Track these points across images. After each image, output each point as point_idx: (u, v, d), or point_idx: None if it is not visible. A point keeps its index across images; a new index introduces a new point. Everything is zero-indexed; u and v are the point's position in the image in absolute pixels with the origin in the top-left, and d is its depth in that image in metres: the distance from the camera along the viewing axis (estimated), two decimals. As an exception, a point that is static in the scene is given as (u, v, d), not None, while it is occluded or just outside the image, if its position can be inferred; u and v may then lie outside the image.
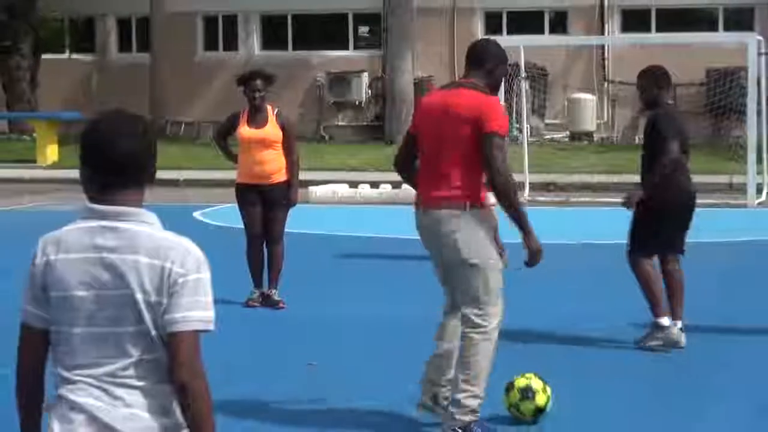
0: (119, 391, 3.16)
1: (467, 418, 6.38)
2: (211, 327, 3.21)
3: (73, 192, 21.40)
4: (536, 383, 6.78)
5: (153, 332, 3.18)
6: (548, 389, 6.80)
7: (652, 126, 8.71)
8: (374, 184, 19.93)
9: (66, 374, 3.21)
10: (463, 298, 6.46)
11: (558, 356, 8.43)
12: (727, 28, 27.58)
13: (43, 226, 16.75)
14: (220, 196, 17.73)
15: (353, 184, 20.09)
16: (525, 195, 18.95)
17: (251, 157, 10.16)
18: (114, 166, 3.21)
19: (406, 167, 6.80)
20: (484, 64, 6.62)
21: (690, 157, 8.89)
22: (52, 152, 25.69)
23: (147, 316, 3.17)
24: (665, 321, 8.62)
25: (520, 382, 6.80)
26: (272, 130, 10.13)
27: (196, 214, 16.72)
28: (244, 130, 10.19)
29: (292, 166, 10.15)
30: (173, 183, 22.74)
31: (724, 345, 8.85)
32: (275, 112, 10.20)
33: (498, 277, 6.48)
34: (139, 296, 3.16)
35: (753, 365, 8.28)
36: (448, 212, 6.40)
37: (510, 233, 6.66)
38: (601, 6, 28.50)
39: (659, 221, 8.67)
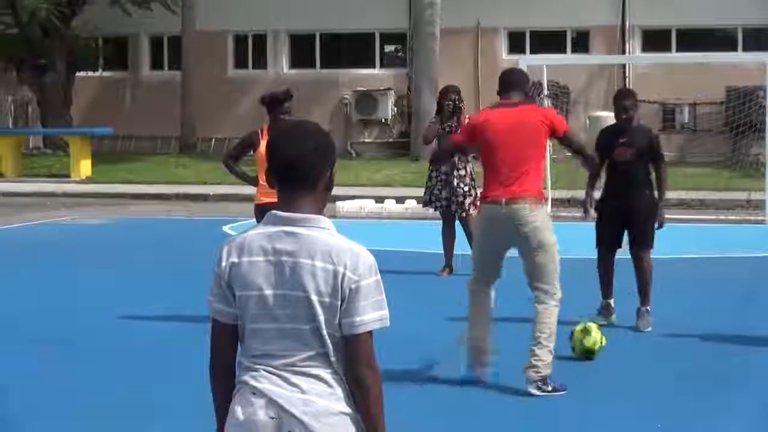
0: (296, 379, 3.38)
1: (548, 371, 7.56)
2: (387, 323, 3.42)
3: (105, 205, 21.91)
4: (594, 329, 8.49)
5: (324, 330, 3.38)
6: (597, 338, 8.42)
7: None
8: (400, 200, 20.14)
9: (249, 363, 3.44)
10: (538, 276, 7.65)
11: (565, 365, 8.45)
12: (745, 48, 27.82)
13: (76, 238, 17.22)
14: (249, 211, 18.04)
15: (379, 199, 20.35)
16: (548, 210, 19.19)
17: None
18: (284, 168, 3.44)
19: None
20: (523, 86, 7.99)
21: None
22: (85, 167, 26.13)
23: (321, 316, 3.37)
24: None
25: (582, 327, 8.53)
26: None
27: (226, 228, 17.05)
28: None
29: None
30: (203, 197, 23.24)
31: (746, 357, 8.86)
32: None
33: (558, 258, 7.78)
34: (314, 297, 3.36)
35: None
36: (529, 205, 7.64)
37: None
38: (623, 26, 28.78)
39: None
